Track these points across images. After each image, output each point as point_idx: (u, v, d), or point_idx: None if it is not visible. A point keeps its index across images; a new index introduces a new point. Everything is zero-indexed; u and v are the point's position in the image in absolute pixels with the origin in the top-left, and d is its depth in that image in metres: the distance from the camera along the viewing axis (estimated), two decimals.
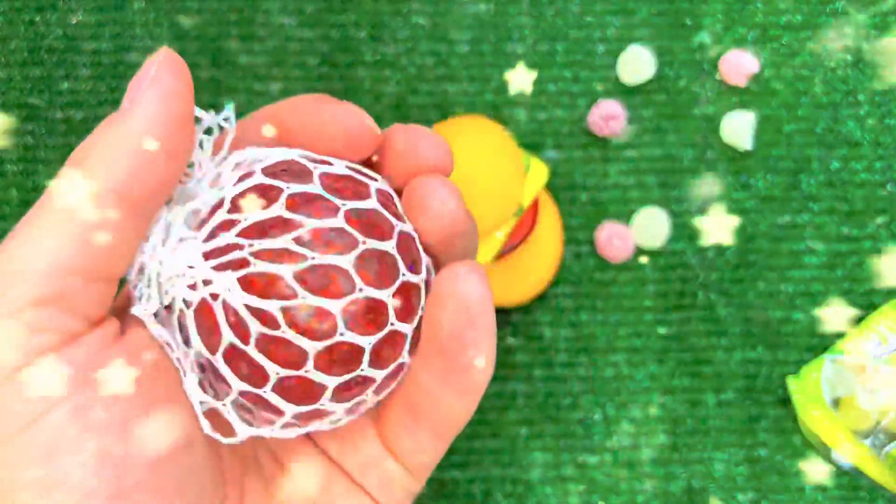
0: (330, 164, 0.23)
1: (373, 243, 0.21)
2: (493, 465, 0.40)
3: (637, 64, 0.41)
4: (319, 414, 0.22)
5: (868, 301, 0.41)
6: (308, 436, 0.25)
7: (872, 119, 0.42)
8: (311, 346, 0.21)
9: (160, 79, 0.22)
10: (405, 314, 0.22)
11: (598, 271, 0.41)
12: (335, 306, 0.21)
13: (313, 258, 0.21)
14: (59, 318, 0.20)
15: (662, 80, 0.42)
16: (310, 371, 0.21)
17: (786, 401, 0.40)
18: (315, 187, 0.22)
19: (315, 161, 0.23)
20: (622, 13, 0.42)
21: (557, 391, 0.40)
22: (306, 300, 0.20)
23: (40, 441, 0.20)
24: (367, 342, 0.21)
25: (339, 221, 0.21)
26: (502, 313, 0.41)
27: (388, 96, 0.42)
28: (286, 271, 0.20)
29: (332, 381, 0.21)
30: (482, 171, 0.37)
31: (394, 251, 0.22)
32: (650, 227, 0.41)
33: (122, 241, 0.21)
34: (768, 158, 0.42)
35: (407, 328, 0.22)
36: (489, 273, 0.40)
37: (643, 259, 0.41)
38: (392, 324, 0.22)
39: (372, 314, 0.21)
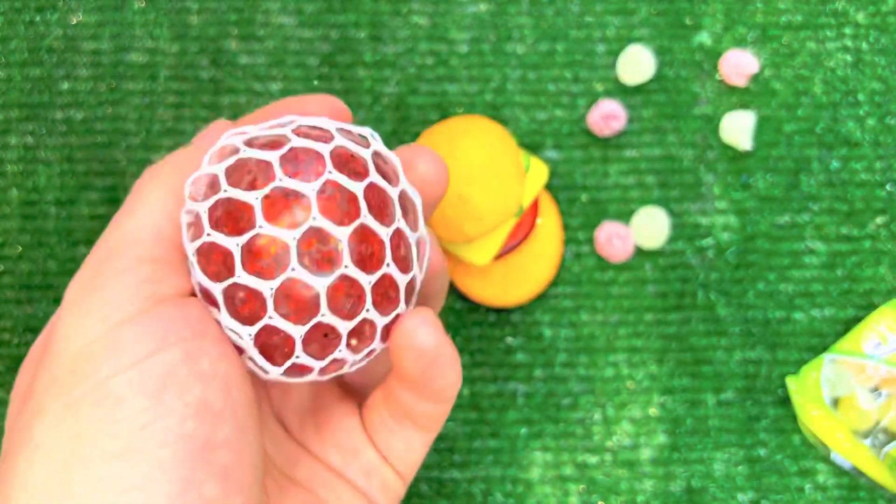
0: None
1: (341, 178, 0.23)
2: (493, 464, 0.40)
3: (637, 64, 0.41)
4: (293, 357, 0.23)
5: (868, 301, 0.41)
6: (308, 449, 0.28)
7: (872, 119, 0.42)
8: (268, 287, 0.22)
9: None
10: (363, 258, 0.23)
11: (597, 271, 0.41)
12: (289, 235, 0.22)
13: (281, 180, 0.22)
14: (171, 276, 0.23)
15: (662, 80, 0.42)
16: (273, 318, 0.22)
17: (785, 401, 0.40)
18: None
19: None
20: (622, 13, 0.42)
21: (557, 391, 0.40)
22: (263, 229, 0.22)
23: (152, 374, 0.21)
24: (321, 283, 0.22)
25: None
26: (502, 313, 0.41)
27: (387, 96, 0.42)
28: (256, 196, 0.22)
29: (297, 330, 0.23)
30: (482, 171, 0.37)
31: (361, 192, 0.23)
32: (650, 226, 0.41)
33: None
34: (768, 158, 0.42)
35: (360, 275, 0.23)
36: (489, 273, 0.40)
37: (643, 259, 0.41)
38: (346, 266, 0.22)
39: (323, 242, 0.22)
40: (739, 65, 0.41)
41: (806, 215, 0.41)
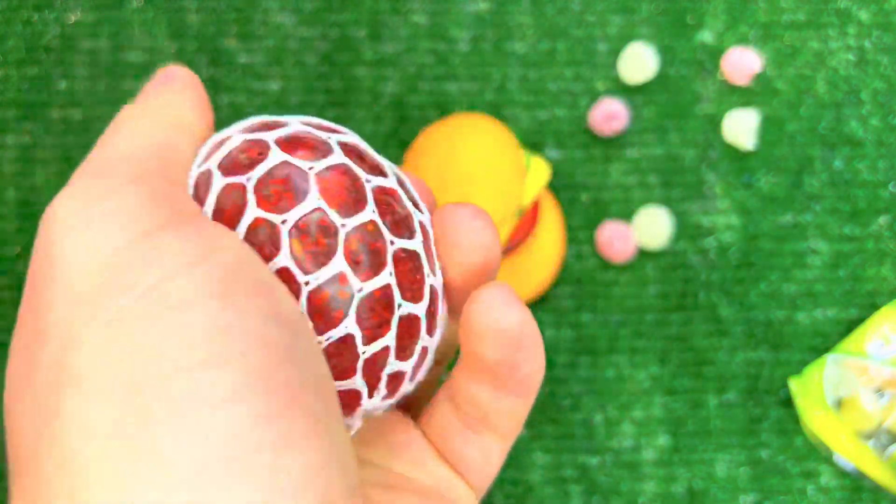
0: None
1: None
2: None
3: (638, 62, 0.41)
4: None
5: (871, 301, 0.41)
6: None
7: (875, 118, 0.41)
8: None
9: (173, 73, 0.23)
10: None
11: (599, 271, 0.41)
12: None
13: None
14: (185, 195, 0.20)
15: (664, 79, 0.42)
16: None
17: (788, 402, 0.40)
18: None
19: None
20: (623, 11, 0.42)
21: (558, 392, 0.40)
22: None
23: (213, 275, 0.18)
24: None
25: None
26: None
27: (387, 95, 0.42)
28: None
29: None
30: (482, 170, 0.37)
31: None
32: (652, 226, 0.41)
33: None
34: (770, 158, 0.41)
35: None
36: None
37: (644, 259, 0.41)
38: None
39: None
40: (742, 64, 0.41)
41: (809, 215, 0.41)
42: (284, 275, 0.19)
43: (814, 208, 0.41)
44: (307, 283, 0.19)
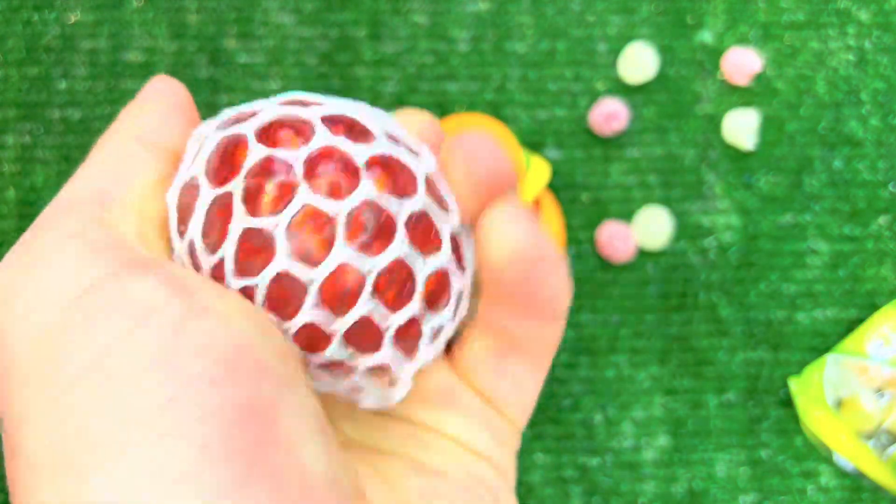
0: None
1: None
2: None
3: (638, 62, 0.41)
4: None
5: (870, 301, 0.41)
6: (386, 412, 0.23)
7: (875, 118, 0.41)
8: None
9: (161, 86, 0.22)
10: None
11: (599, 271, 0.41)
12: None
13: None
14: (131, 239, 0.19)
15: (664, 79, 0.42)
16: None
17: (788, 402, 0.40)
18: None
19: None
20: (623, 11, 0.42)
21: (558, 392, 0.40)
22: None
23: (152, 339, 0.17)
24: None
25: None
26: None
27: (387, 95, 0.42)
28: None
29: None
30: None
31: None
32: (652, 226, 0.41)
33: (161, 184, 0.21)
34: (770, 158, 0.41)
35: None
36: None
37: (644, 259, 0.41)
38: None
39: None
40: (742, 64, 0.41)
41: (808, 215, 0.41)
42: (286, 278, 0.19)
43: (813, 208, 0.41)
44: (311, 282, 0.19)
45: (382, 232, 0.19)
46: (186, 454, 0.16)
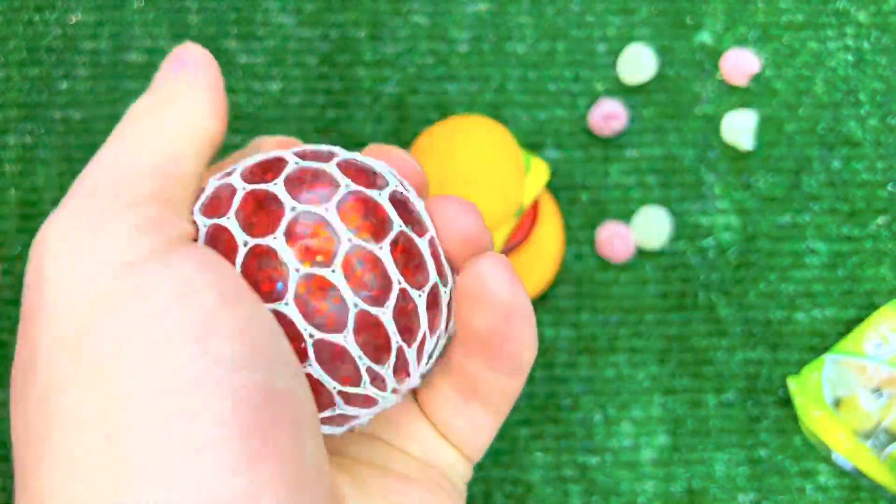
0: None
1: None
2: (494, 465, 0.40)
3: (638, 63, 0.41)
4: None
5: (869, 301, 0.41)
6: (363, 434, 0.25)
7: (874, 119, 0.42)
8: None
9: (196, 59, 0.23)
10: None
11: (598, 271, 0.41)
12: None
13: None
14: (177, 217, 0.20)
15: (663, 80, 0.42)
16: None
17: (787, 401, 0.40)
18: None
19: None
20: (623, 12, 0.42)
21: (558, 392, 0.40)
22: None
23: (191, 317, 0.18)
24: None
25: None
26: None
27: (387, 96, 0.42)
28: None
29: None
30: (482, 170, 0.37)
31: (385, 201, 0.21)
32: (651, 227, 0.41)
33: (200, 169, 0.22)
34: (769, 158, 0.41)
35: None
36: None
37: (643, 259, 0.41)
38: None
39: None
40: (740, 64, 0.41)
41: (807, 215, 0.41)
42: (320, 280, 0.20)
43: (812, 208, 0.41)
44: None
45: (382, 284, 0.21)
46: (209, 429, 0.17)
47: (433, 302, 0.21)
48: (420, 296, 0.21)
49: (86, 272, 0.18)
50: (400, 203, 0.21)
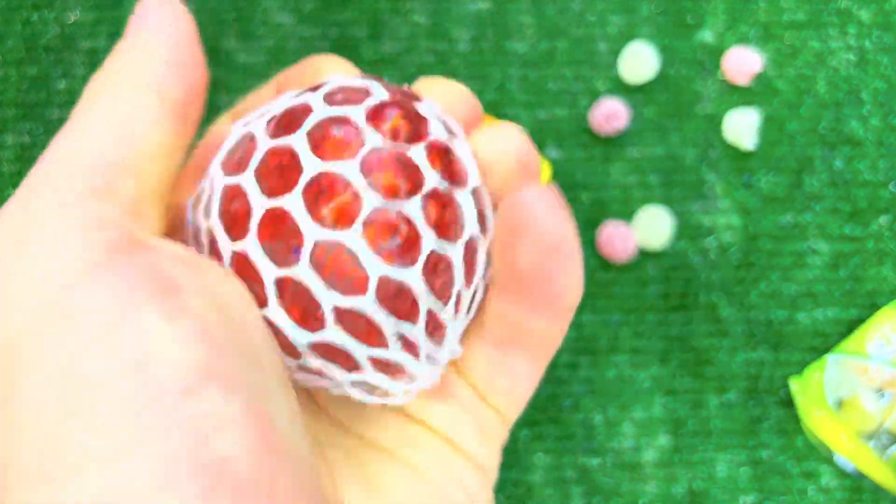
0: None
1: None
2: None
3: (639, 62, 0.41)
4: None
5: (871, 301, 0.41)
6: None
7: (875, 118, 0.41)
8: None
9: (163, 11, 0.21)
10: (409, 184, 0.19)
11: (599, 271, 0.41)
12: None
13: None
14: (122, 213, 0.18)
15: (664, 79, 0.42)
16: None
17: (788, 402, 0.40)
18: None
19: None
20: (624, 11, 0.42)
21: (559, 392, 0.40)
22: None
23: (127, 345, 0.16)
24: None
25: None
26: None
27: None
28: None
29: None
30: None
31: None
32: (652, 226, 0.41)
33: (168, 145, 0.19)
34: (771, 158, 0.41)
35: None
36: None
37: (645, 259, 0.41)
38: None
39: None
40: (742, 63, 0.41)
41: (809, 215, 0.41)
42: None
43: (814, 208, 0.41)
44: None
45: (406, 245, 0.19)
46: (154, 467, 0.15)
47: (470, 257, 0.20)
48: (455, 250, 0.19)
49: (17, 300, 0.16)
50: (439, 152, 0.20)
